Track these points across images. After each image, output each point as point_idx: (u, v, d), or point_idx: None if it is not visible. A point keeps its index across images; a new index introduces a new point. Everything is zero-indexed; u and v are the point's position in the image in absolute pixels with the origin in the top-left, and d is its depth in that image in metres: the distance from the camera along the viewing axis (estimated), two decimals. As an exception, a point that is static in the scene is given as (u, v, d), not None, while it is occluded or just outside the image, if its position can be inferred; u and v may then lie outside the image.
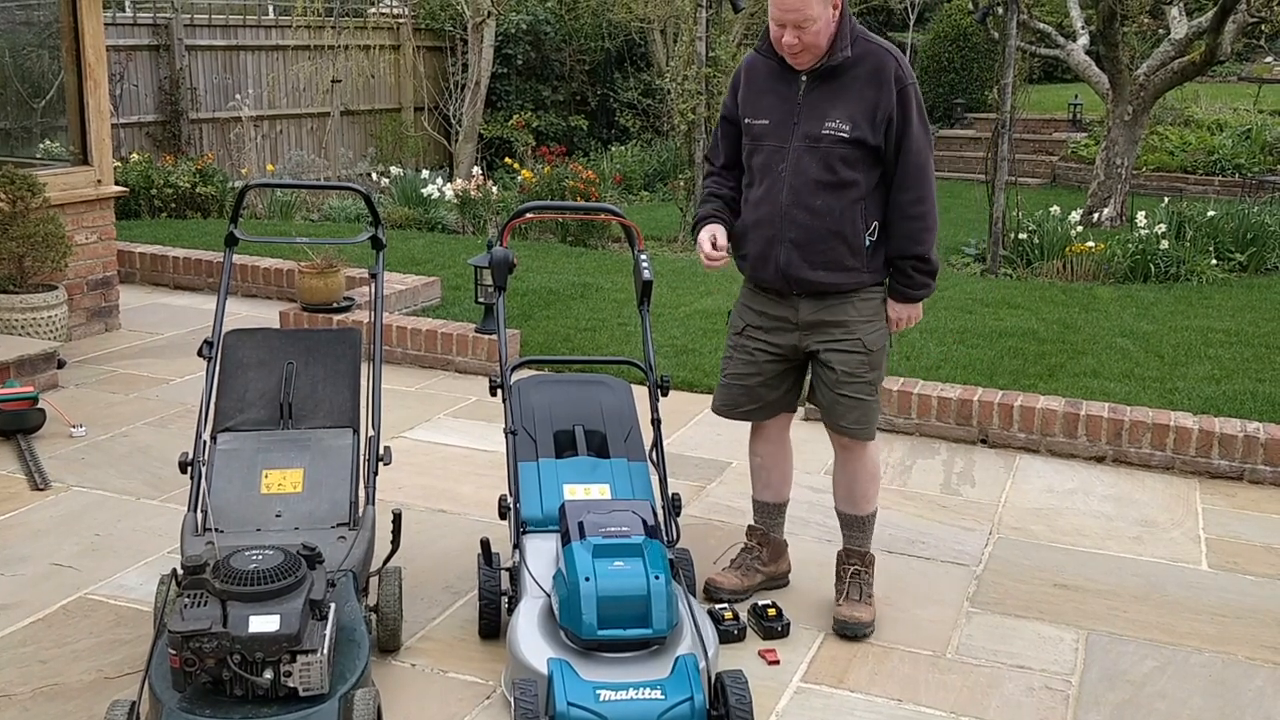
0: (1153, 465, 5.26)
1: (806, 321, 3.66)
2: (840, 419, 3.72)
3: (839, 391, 3.67)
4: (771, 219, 3.60)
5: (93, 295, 6.96)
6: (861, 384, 3.67)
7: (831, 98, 3.51)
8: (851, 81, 3.50)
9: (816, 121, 3.52)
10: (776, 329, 3.72)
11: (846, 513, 3.86)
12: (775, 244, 3.60)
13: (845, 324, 3.61)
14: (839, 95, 3.51)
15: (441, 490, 4.77)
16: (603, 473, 3.76)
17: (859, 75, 3.49)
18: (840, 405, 3.69)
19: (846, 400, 3.68)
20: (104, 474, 4.84)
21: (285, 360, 3.76)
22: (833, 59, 3.49)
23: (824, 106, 3.52)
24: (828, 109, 3.51)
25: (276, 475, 3.52)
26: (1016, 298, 8.41)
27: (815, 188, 3.53)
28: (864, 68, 3.49)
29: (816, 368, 3.73)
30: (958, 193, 15.18)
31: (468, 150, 13.98)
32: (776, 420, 3.92)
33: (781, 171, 3.57)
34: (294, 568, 3.00)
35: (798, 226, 3.56)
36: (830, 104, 3.51)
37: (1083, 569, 4.25)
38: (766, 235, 3.62)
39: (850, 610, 3.73)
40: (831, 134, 3.50)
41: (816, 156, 3.52)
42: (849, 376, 3.66)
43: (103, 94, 6.83)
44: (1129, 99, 11.74)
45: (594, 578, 3.15)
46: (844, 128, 3.49)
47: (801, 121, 3.54)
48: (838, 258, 3.57)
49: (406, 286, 7.53)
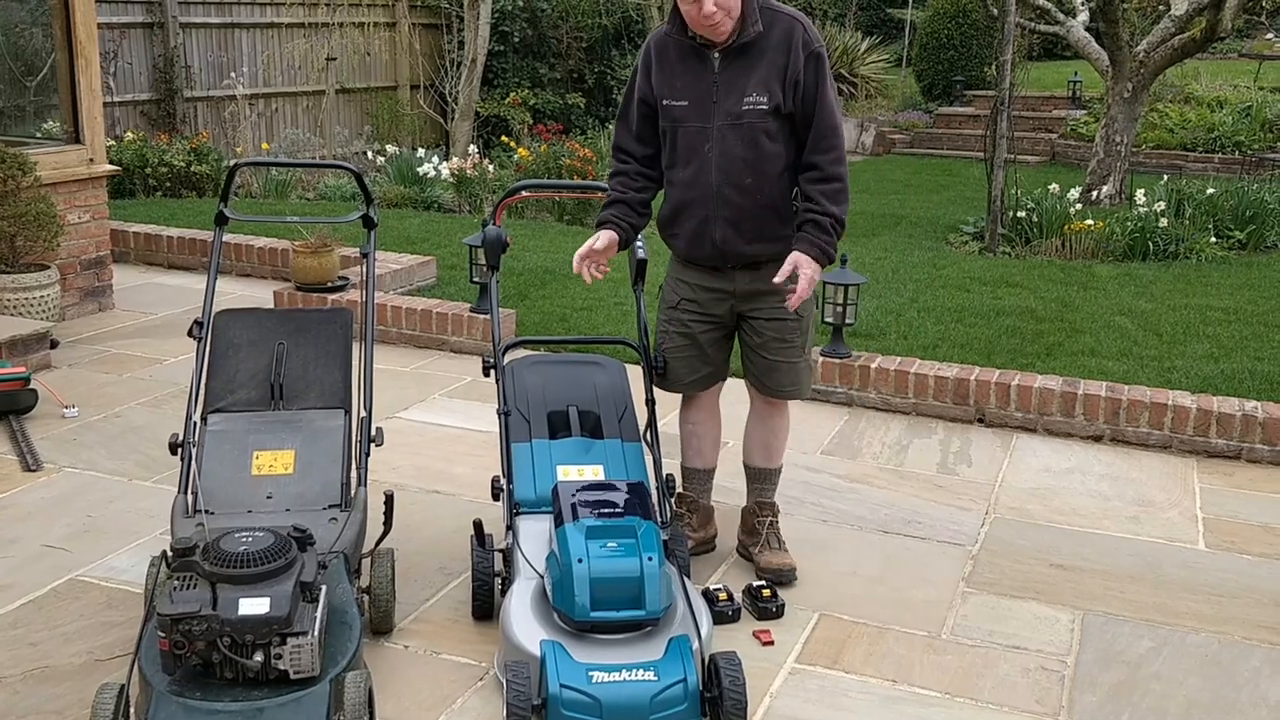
0: (1150, 444, 5.24)
1: (743, 291, 3.75)
2: (776, 383, 3.83)
3: (773, 356, 3.79)
4: (703, 199, 3.63)
5: (86, 275, 6.92)
6: (794, 348, 3.80)
7: (746, 71, 3.53)
8: (762, 53, 3.51)
9: (735, 97, 3.54)
10: (713, 300, 3.80)
11: (761, 467, 3.99)
12: (709, 223, 3.65)
13: (778, 290, 3.64)
14: (753, 68, 3.52)
15: (436, 471, 4.75)
16: (597, 453, 3.73)
17: (769, 45, 3.51)
18: (776, 370, 3.80)
19: (781, 365, 3.80)
20: (96, 455, 4.82)
21: (276, 340, 3.73)
22: (744, 34, 3.51)
23: (740, 81, 3.54)
24: (744, 83, 3.53)
25: (267, 457, 3.50)
26: (1015, 276, 8.38)
27: (743, 165, 3.57)
28: (773, 37, 3.52)
29: (747, 334, 3.82)
30: (956, 170, 15.15)
31: (464, 129, 13.90)
32: (709, 390, 3.98)
33: (708, 151, 3.60)
34: (284, 550, 2.97)
35: (731, 205, 3.61)
36: (746, 78, 3.53)
37: (1079, 549, 4.23)
38: (699, 215, 3.66)
39: (777, 559, 3.88)
40: (752, 108, 3.53)
41: (740, 134, 3.55)
42: (781, 342, 3.78)
43: (94, 72, 6.77)
44: (1129, 76, 11.67)
45: (587, 559, 3.13)
46: (762, 100, 3.52)
47: (721, 99, 3.56)
48: (771, 229, 3.64)
49: (402, 266, 7.49)
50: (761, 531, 3.95)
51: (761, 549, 3.93)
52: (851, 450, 5.11)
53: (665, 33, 3.64)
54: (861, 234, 10.26)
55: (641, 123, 3.75)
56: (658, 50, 3.65)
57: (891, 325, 6.85)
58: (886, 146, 17.45)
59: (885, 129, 17.77)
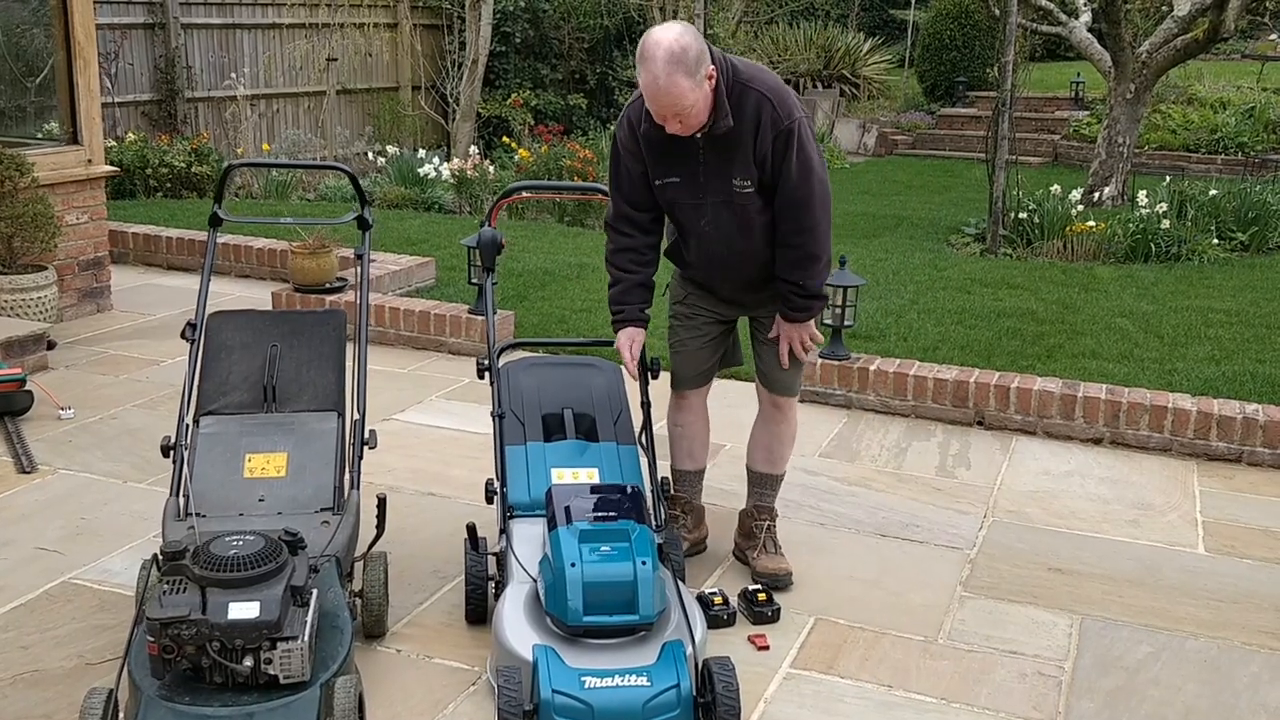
0: (1150, 447, 5.21)
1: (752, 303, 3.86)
2: (781, 379, 3.86)
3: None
4: (709, 265, 3.74)
5: (84, 276, 6.91)
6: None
7: (729, 156, 3.49)
8: (739, 137, 3.45)
9: (723, 179, 3.53)
10: (722, 304, 3.86)
11: (764, 472, 3.98)
12: (716, 282, 3.79)
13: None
14: (734, 152, 3.48)
15: (432, 473, 4.73)
16: (591, 456, 3.71)
17: (743, 129, 3.44)
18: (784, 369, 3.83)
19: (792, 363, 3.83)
20: (91, 457, 4.80)
21: (269, 343, 3.70)
22: (716, 127, 3.43)
23: (724, 166, 3.50)
24: (729, 168, 3.50)
25: (260, 459, 3.48)
26: (1016, 278, 8.35)
27: (740, 237, 3.61)
28: (746, 121, 3.43)
29: (758, 330, 3.86)
30: (958, 172, 15.12)
31: (465, 129, 13.89)
32: (700, 390, 3.99)
33: (705, 227, 3.62)
34: (275, 554, 2.95)
35: (734, 269, 3.71)
36: (729, 162, 3.49)
37: (1078, 553, 4.20)
38: (705, 274, 3.78)
39: (773, 563, 3.86)
40: (739, 190, 3.52)
41: (732, 211, 3.57)
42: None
43: (93, 73, 6.76)
44: (1131, 77, 11.64)
45: (580, 563, 3.10)
46: (747, 183, 3.51)
47: (709, 179, 3.54)
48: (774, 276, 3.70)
49: (401, 267, 7.48)
50: (759, 535, 3.93)
51: (758, 553, 3.91)
52: (850, 453, 5.09)
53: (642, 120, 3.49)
54: (862, 235, 10.24)
55: (637, 189, 3.65)
56: (645, 138, 3.52)
57: (891, 327, 6.82)
58: (888, 147, 17.43)
59: (887, 130, 17.75)
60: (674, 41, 3.26)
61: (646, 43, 3.29)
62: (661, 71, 3.26)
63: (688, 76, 3.27)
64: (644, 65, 3.29)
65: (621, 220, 3.70)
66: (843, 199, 12.47)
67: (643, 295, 3.76)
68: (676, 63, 3.25)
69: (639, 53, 3.31)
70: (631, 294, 3.74)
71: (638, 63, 3.33)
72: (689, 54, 3.26)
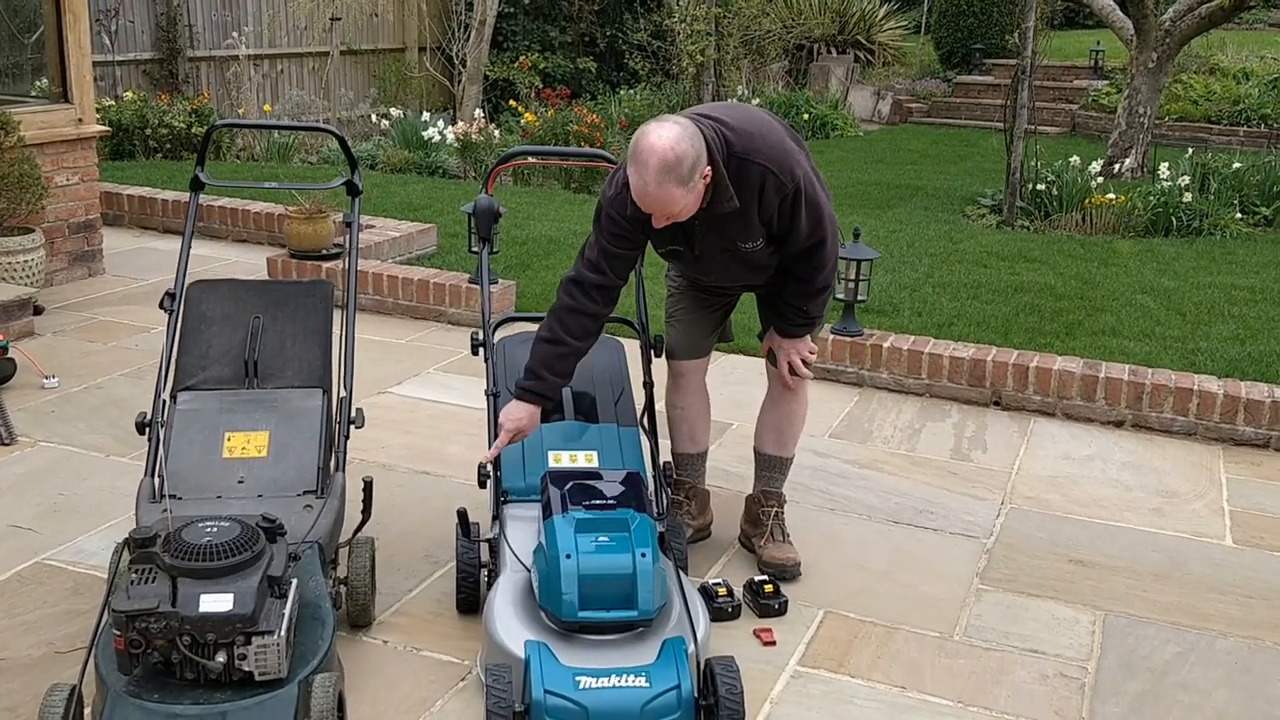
0: (1174, 431, 5.01)
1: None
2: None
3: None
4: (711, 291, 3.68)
5: (74, 239, 6.72)
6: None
7: (731, 229, 3.30)
8: (742, 212, 3.24)
9: (728, 244, 3.35)
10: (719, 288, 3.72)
11: (772, 454, 3.78)
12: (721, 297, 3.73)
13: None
14: (736, 224, 3.28)
15: (427, 450, 4.55)
16: (590, 438, 3.52)
17: (746, 203, 3.22)
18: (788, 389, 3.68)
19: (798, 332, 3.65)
20: (73, 429, 4.63)
21: (252, 314, 3.51)
22: (718, 209, 3.21)
23: (728, 236, 3.32)
24: (733, 235, 3.32)
25: (240, 438, 3.29)
26: (1033, 251, 8.12)
27: (750, 276, 3.51)
28: (747, 195, 3.21)
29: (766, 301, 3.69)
30: (974, 141, 14.83)
31: (472, 92, 13.62)
32: (698, 367, 3.80)
33: (706, 273, 3.55)
34: (251, 541, 2.78)
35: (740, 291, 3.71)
36: (730, 232, 3.31)
37: (1100, 543, 4.01)
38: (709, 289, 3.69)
39: (781, 552, 3.68)
40: (746, 250, 3.36)
41: (740, 260, 3.41)
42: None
43: (83, 29, 6.54)
44: (1154, 45, 11.34)
45: (575, 554, 2.92)
46: (756, 244, 3.35)
47: (712, 244, 3.36)
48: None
49: (401, 233, 7.28)
50: (766, 522, 3.75)
51: (765, 541, 3.72)
52: (862, 434, 4.89)
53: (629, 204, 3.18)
54: (876, 206, 10.00)
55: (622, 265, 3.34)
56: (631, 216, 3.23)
57: (905, 301, 6.61)
58: (903, 115, 17.12)
59: (902, 97, 17.44)
60: (669, 150, 3.02)
61: (640, 145, 3.05)
62: (653, 180, 3.04)
63: (680, 185, 3.06)
64: (635, 168, 3.07)
65: (593, 287, 3.30)
66: (856, 168, 12.22)
67: (570, 369, 3.34)
68: (669, 172, 3.03)
69: (631, 150, 3.07)
70: (560, 363, 3.31)
71: (629, 159, 3.09)
72: (683, 164, 3.03)
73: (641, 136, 3.07)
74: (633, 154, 3.07)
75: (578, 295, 3.30)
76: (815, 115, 15.01)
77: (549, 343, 3.31)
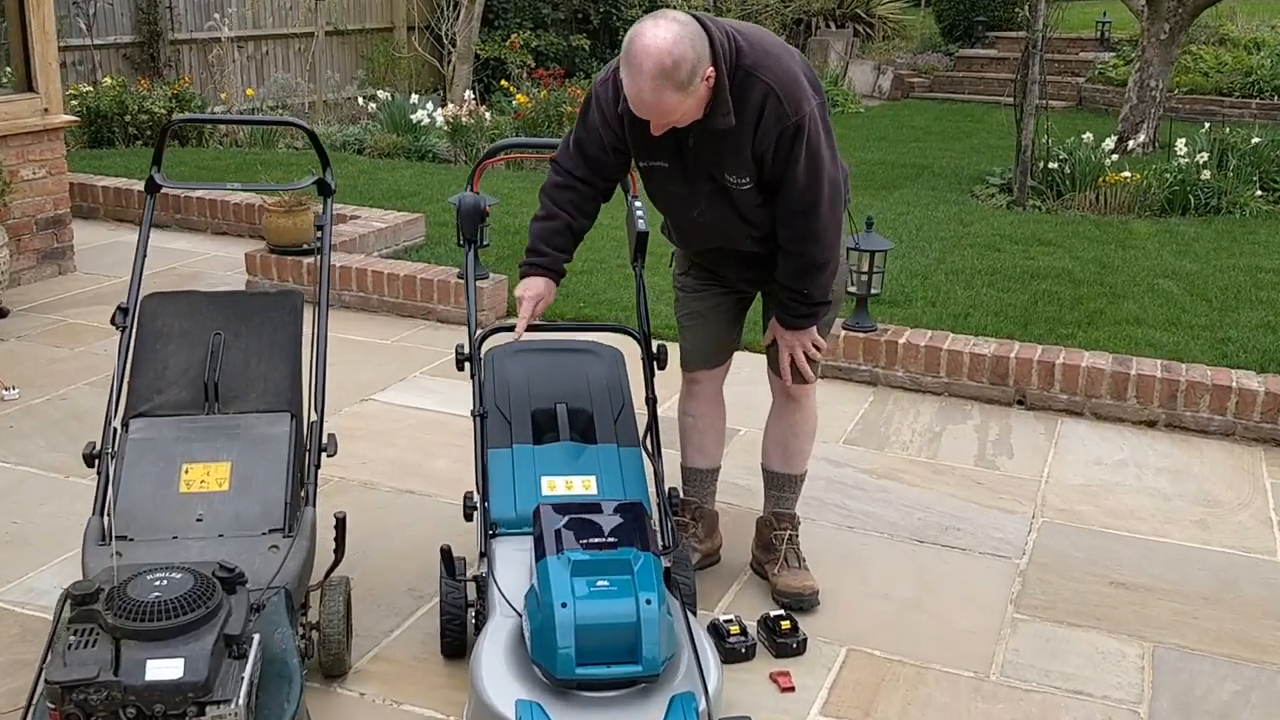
0: (1211, 431, 4.69)
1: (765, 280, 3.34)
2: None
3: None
4: (707, 257, 3.33)
5: (43, 236, 6.38)
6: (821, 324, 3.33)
7: (722, 149, 2.96)
8: (737, 133, 2.91)
9: (717, 170, 3.01)
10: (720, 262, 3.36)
11: (780, 472, 3.49)
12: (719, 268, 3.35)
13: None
14: (729, 146, 2.95)
15: (411, 465, 4.23)
16: (588, 461, 3.20)
17: (743, 124, 2.90)
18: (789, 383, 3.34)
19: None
20: (32, 446, 4.31)
21: (212, 330, 3.18)
22: (714, 123, 2.89)
23: (718, 159, 2.99)
24: (722, 161, 2.99)
25: (199, 470, 2.97)
26: (1047, 233, 7.79)
27: (739, 228, 3.14)
28: (746, 115, 2.89)
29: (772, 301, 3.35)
30: (979, 116, 14.45)
31: (463, 72, 13.22)
32: (714, 375, 3.48)
33: (696, 217, 3.16)
34: (205, 595, 2.46)
35: (737, 258, 3.27)
36: (723, 156, 2.98)
37: (1141, 562, 3.70)
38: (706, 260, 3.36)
39: (796, 580, 3.38)
40: (735, 186, 3.01)
41: (727, 201, 3.06)
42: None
43: (47, 11, 6.17)
44: (1165, 16, 10.97)
45: (572, 602, 2.60)
46: (744, 180, 3.00)
47: (699, 168, 3.02)
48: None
49: (387, 224, 6.94)
50: (779, 547, 3.43)
51: (779, 568, 3.41)
52: (878, 439, 4.58)
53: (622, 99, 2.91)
54: (881, 187, 9.65)
55: (605, 157, 3.11)
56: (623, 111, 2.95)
57: (918, 290, 6.28)
58: (905, 90, 16.73)
59: (903, 72, 17.04)
60: (665, 53, 2.70)
61: (633, 46, 2.73)
62: (648, 86, 2.74)
63: (678, 90, 2.75)
64: (628, 71, 2.76)
65: (573, 175, 3.14)
66: (859, 146, 11.85)
67: (568, 243, 3.18)
68: (665, 78, 2.72)
69: (624, 51, 2.76)
70: (557, 238, 3.16)
71: (621, 63, 2.78)
72: (681, 68, 2.72)
73: (636, 36, 2.75)
74: (625, 55, 2.76)
75: (561, 175, 3.17)
76: (815, 91, 14.60)
77: (541, 218, 3.18)
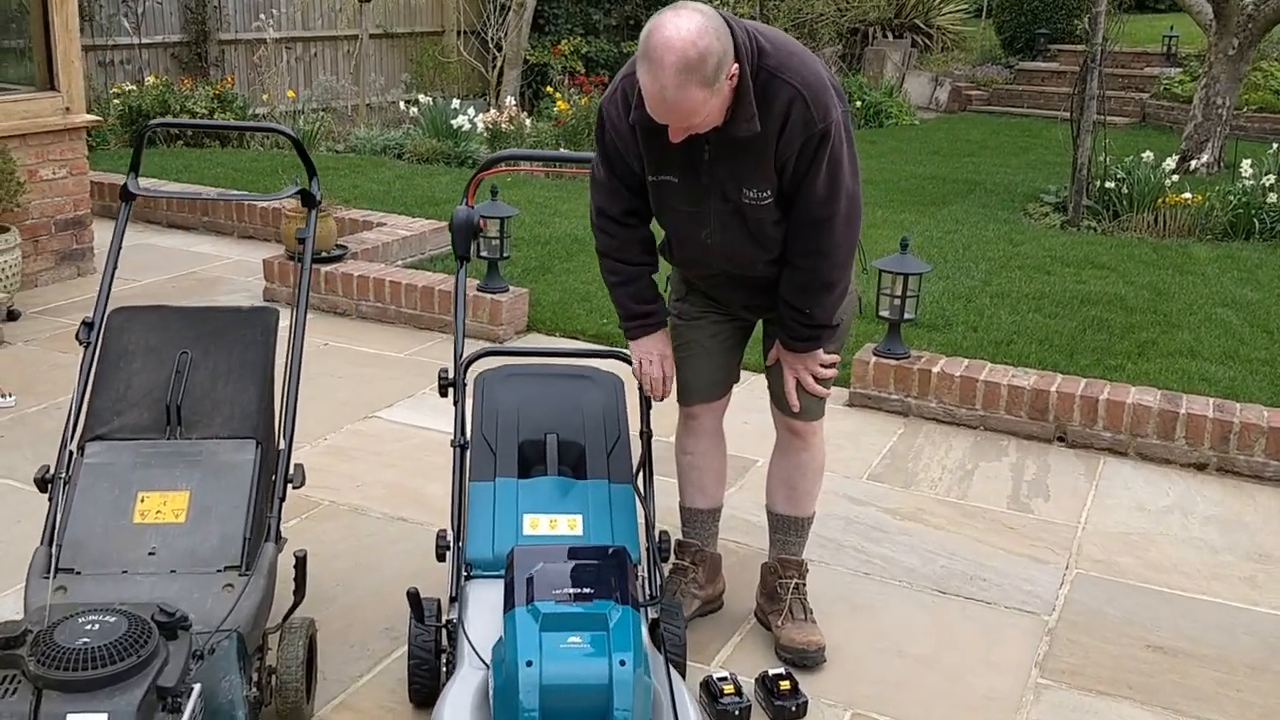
0: (1266, 477, 4.37)
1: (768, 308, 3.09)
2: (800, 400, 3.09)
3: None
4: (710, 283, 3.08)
5: (62, 237, 6.27)
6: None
7: (743, 161, 2.72)
8: (761, 140, 2.67)
9: (733, 187, 2.77)
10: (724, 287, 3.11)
11: (785, 514, 3.25)
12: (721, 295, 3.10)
13: None
14: (751, 157, 2.71)
15: (408, 491, 4.02)
16: (576, 499, 2.97)
17: (769, 128, 2.66)
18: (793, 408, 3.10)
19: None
20: (18, 458, 4.15)
21: (179, 349, 2.98)
22: (736, 130, 2.65)
23: (736, 171, 2.74)
24: (742, 174, 2.74)
25: (155, 499, 2.77)
26: (1101, 256, 7.45)
27: (750, 253, 2.91)
28: (771, 121, 2.65)
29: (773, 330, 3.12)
30: (1037, 131, 14.07)
31: (512, 78, 13.09)
32: (714, 406, 3.23)
33: (705, 239, 2.90)
34: (138, 642, 2.26)
35: (743, 284, 3.02)
36: (742, 168, 2.74)
37: (1182, 623, 3.40)
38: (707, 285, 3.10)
39: (802, 634, 3.12)
40: (753, 202, 2.77)
41: (741, 222, 2.82)
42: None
43: (70, 10, 6.07)
44: (1235, 31, 10.55)
45: (538, 660, 2.37)
46: (764, 194, 2.76)
47: (714, 184, 2.78)
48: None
49: (412, 232, 6.76)
50: (784, 597, 3.18)
51: (783, 620, 3.15)
52: (905, 476, 4.30)
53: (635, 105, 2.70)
54: (931, 203, 9.34)
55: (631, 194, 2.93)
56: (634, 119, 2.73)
57: (960, 314, 5.99)
58: (962, 103, 16.37)
59: (961, 84, 16.67)
60: (690, 45, 2.47)
61: (653, 40, 2.49)
62: (671, 82, 2.49)
63: (703, 87, 2.51)
64: (648, 68, 2.52)
65: (617, 221, 2.96)
66: (910, 160, 11.54)
67: (652, 292, 3.04)
68: (690, 71, 2.48)
69: (642, 46, 2.53)
70: (645, 290, 3.02)
71: (639, 57, 2.55)
72: (708, 62, 2.49)
73: (655, 29, 2.51)
74: (645, 50, 2.52)
75: (611, 228, 2.98)
76: (869, 102, 14.30)
77: (623, 281, 3.03)
